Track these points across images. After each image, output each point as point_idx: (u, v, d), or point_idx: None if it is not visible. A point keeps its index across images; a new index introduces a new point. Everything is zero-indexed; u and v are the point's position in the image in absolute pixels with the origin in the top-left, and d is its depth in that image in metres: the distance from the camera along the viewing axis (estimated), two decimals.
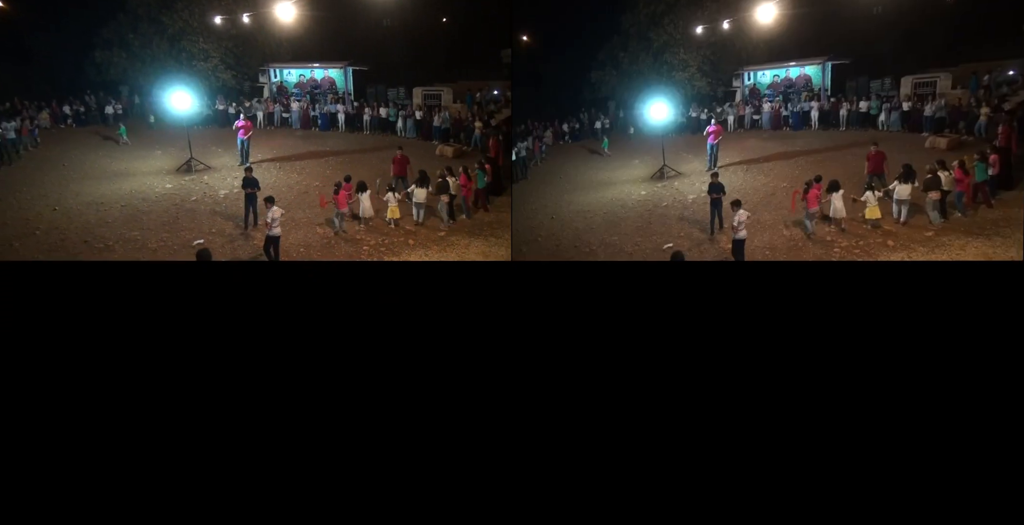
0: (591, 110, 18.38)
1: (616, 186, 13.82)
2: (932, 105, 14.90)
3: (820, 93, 17.98)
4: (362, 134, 16.92)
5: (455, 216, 10.86)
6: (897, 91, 16.57)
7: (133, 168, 13.23)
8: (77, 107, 17.45)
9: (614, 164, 15.53)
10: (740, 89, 19.33)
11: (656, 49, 17.91)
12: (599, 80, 18.41)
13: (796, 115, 17.82)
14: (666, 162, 13.99)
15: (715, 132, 14.83)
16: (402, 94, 17.77)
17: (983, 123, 13.02)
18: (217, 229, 10.25)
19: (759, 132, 17.73)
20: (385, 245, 10.04)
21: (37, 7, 17.73)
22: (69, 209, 10.81)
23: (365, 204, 10.54)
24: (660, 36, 17.81)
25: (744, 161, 14.89)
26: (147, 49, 16.93)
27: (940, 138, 12.95)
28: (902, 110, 15.57)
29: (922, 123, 15.06)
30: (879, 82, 17.06)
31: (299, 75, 19.11)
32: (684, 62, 18.04)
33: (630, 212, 12.23)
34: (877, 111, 16.20)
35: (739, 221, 9.57)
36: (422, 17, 19.06)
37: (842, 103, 16.77)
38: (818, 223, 10.39)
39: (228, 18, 17.01)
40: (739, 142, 16.50)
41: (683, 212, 12.00)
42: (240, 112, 15.90)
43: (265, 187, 11.01)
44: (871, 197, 10.16)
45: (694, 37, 18.05)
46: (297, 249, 9.69)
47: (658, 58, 17.97)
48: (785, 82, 18.78)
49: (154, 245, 9.63)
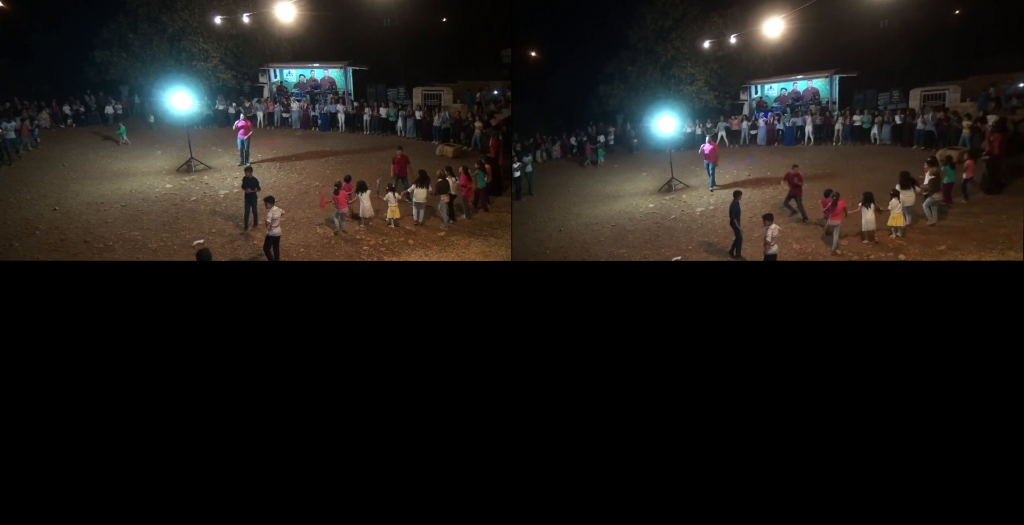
0: (598, 123, 18.47)
1: (624, 199, 13.80)
2: (923, 117, 15.14)
3: (828, 105, 18.04)
4: (362, 134, 16.95)
5: (455, 216, 10.87)
6: (906, 103, 16.59)
7: (133, 168, 13.24)
8: (77, 107, 17.48)
9: (622, 177, 15.58)
10: (748, 102, 19.32)
11: (664, 63, 18.05)
12: (607, 94, 18.61)
13: (790, 129, 17.82)
14: (674, 175, 14.02)
15: (711, 150, 14.17)
16: (402, 94, 17.80)
17: (967, 136, 13.38)
18: (217, 229, 10.25)
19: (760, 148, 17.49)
20: (385, 245, 10.05)
21: (37, 7, 17.79)
22: (69, 209, 10.82)
23: (365, 204, 10.54)
24: (668, 51, 17.98)
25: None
26: (147, 49, 16.96)
27: (951, 150, 12.91)
28: (894, 124, 15.73)
29: (913, 136, 15.28)
30: (887, 94, 17.11)
31: (299, 75, 19.15)
32: (692, 76, 18.14)
33: (638, 225, 12.01)
34: (870, 125, 16.33)
35: (772, 236, 9.21)
36: (422, 17, 19.11)
37: (836, 118, 16.84)
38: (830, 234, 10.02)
39: (228, 18, 17.05)
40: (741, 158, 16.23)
41: (691, 225, 11.79)
42: (240, 112, 15.99)
43: (265, 187, 11.00)
44: (896, 203, 9.99)
45: (701, 51, 18.13)
46: (297, 249, 9.70)
47: (666, 72, 18.16)
48: (792, 95, 18.84)
49: (154, 245, 9.64)
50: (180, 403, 6.32)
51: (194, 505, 5.64)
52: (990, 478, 5.60)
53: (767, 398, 6.29)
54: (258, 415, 6.25)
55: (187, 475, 5.80)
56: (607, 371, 6.57)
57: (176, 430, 6.11)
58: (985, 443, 5.80)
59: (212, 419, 6.22)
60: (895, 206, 9.93)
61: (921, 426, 5.99)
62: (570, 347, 6.74)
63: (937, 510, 5.52)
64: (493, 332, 6.83)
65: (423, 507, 5.66)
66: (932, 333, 6.48)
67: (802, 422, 6.11)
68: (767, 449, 5.95)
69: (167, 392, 6.39)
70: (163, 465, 5.85)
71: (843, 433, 6.00)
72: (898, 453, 5.86)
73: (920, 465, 5.76)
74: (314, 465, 5.92)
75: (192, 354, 6.63)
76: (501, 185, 12.12)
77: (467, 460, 5.96)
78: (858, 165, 14.27)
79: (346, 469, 5.91)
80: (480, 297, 7.19)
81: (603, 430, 6.17)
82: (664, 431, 6.13)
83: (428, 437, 6.11)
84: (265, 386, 6.46)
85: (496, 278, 7.54)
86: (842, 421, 6.08)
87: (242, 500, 5.67)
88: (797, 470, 5.79)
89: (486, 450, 6.03)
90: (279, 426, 6.17)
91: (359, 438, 6.12)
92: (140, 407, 6.28)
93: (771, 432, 6.06)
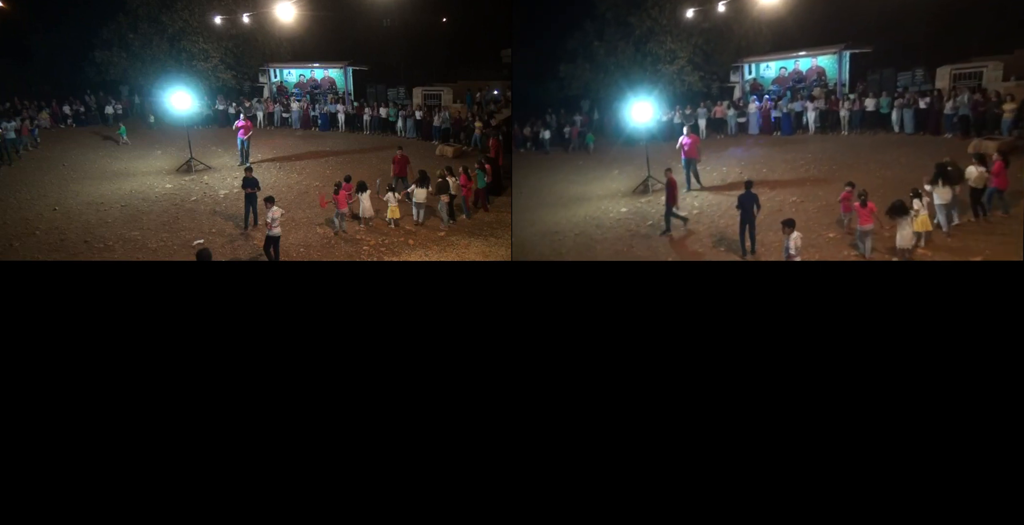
0: (559, 111, 15.83)
1: (591, 202, 11.94)
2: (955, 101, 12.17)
3: (836, 87, 14.73)
4: (362, 134, 16.95)
5: (455, 216, 10.87)
6: (932, 84, 13.41)
7: (133, 168, 13.24)
8: (77, 107, 17.50)
9: (588, 177, 13.41)
10: (739, 84, 16.15)
11: (638, 37, 14.99)
12: (569, 74, 15.60)
13: (787, 116, 14.54)
14: (651, 173, 11.85)
15: (690, 144, 11.67)
16: (402, 94, 17.81)
17: (1009, 122, 10.98)
18: (217, 229, 10.25)
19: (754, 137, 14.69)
20: (385, 245, 10.04)
21: (37, 7, 17.82)
22: (69, 209, 10.82)
23: (365, 204, 10.54)
24: (643, 22, 14.84)
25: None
26: (147, 49, 16.98)
27: (989, 142, 10.62)
28: (918, 108, 12.79)
29: (940, 123, 12.38)
30: (908, 74, 13.87)
31: (299, 75, 19.18)
32: (672, 53, 14.99)
33: (608, 233, 10.47)
34: (888, 109, 13.28)
35: (795, 247, 8.11)
36: (422, 17, 19.14)
37: (843, 103, 14.02)
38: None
39: (228, 18, 17.06)
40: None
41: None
42: (240, 112, 15.98)
43: (265, 187, 11.00)
44: (919, 205, 8.33)
45: (684, 23, 14.81)
46: (297, 249, 9.70)
47: (640, 48, 15.07)
48: (793, 75, 15.58)
49: (154, 245, 9.63)
50: (181, 403, 6.32)
51: (195, 506, 5.65)
52: (990, 478, 5.60)
53: (767, 398, 6.28)
54: (259, 415, 6.25)
55: (188, 475, 5.80)
56: (606, 371, 6.57)
57: (177, 430, 6.11)
58: (986, 443, 5.80)
59: (214, 419, 6.22)
60: (918, 208, 8.28)
61: (922, 426, 5.99)
62: (568, 347, 6.73)
63: (940, 509, 5.52)
64: (493, 332, 6.83)
65: (424, 507, 5.66)
66: (932, 333, 6.48)
67: (800, 422, 6.11)
68: (767, 449, 5.95)
69: (168, 392, 6.39)
70: (164, 465, 5.85)
71: (843, 433, 6.00)
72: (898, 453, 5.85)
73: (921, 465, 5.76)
74: (315, 465, 5.92)
75: (192, 354, 6.63)
76: (501, 185, 12.10)
77: (467, 460, 5.96)
78: (871, 159, 11.80)
79: (347, 469, 5.91)
80: (480, 297, 7.18)
81: (603, 430, 6.17)
82: (664, 431, 6.13)
83: (428, 437, 6.11)
84: (266, 386, 6.46)
85: (496, 278, 7.54)
86: (840, 422, 6.08)
87: (244, 500, 5.68)
88: (797, 470, 5.79)
89: (486, 450, 6.02)
90: (279, 426, 6.17)
91: (360, 437, 6.12)
92: (141, 407, 6.28)
93: (771, 432, 6.06)
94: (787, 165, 11.94)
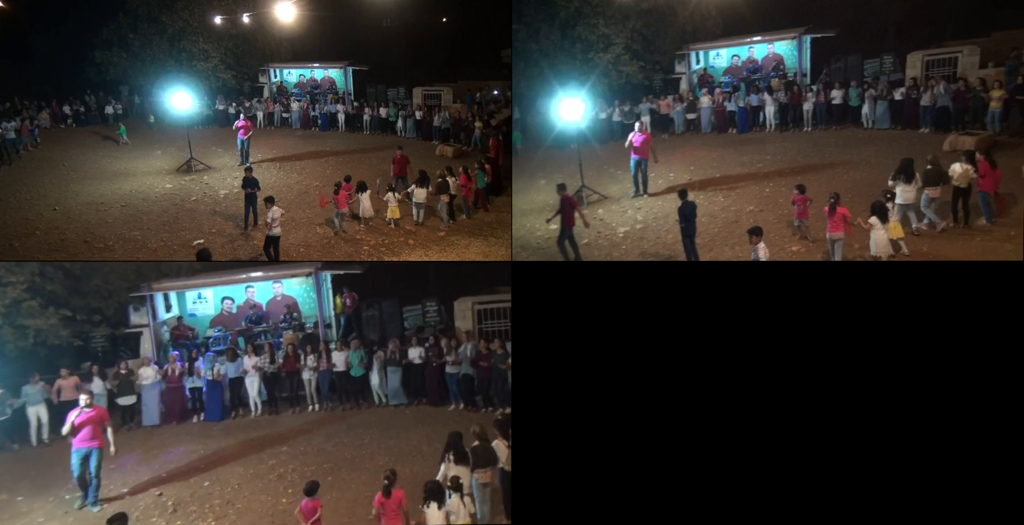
0: None
1: None
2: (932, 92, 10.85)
3: (796, 78, 13.20)
4: (362, 134, 16.91)
5: (455, 216, 10.85)
6: (902, 71, 12.03)
7: (133, 168, 13.24)
8: (77, 107, 17.49)
9: None
10: (686, 75, 14.27)
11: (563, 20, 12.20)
12: None
13: (743, 111, 12.76)
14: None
15: (641, 142, 10.30)
16: (402, 94, 17.79)
17: (998, 112, 9.91)
18: (217, 229, 10.24)
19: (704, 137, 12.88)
20: (385, 245, 10.02)
21: (37, 7, 17.83)
22: (69, 209, 10.81)
23: (365, 204, 10.52)
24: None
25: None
26: (147, 49, 16.97)
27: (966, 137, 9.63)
28: (892, 99, 11.40)
29: (918, 116, 11.07)
30: (876, 61, 12.43)
31: (299, 75, 19.15)
32: (605, 38, 12.40)
33: None
34: (859, 101, 11.82)
35: (764, 257, 7.21)
36: (422, 17, 19.15)
37: (806, 95, 12.31)
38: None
39: (228, 18, 17.05)
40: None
41: None
42: (240, 112, 15.94)
43: (265, 187, 10.98)
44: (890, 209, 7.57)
45: (619, 3, 12.51)
46: (297, 249, 9.68)
47: (567, 34, 12.61)
48: (748, 64, 14.17)
49: (154, 245, 9.62)
50: None
51: None
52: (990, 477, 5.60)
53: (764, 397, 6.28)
54: None
55: None
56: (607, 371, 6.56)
57: None
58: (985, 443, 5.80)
59: None
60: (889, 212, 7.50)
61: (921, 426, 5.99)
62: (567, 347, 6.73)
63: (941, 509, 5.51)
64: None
65: None
66: (932, 333, 6.47)
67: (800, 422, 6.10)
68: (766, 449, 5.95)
69: None
70: None
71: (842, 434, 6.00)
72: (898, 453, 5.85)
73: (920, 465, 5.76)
74: None
75: None
76: (501, 185, 12.09)
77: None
78: (838, 158, 10.49)
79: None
80: None
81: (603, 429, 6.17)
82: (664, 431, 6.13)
83: None
84: None
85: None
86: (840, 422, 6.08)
87: None
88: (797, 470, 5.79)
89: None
90: None
91: None
92: None
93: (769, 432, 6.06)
94: (744, 168, 10.68)
